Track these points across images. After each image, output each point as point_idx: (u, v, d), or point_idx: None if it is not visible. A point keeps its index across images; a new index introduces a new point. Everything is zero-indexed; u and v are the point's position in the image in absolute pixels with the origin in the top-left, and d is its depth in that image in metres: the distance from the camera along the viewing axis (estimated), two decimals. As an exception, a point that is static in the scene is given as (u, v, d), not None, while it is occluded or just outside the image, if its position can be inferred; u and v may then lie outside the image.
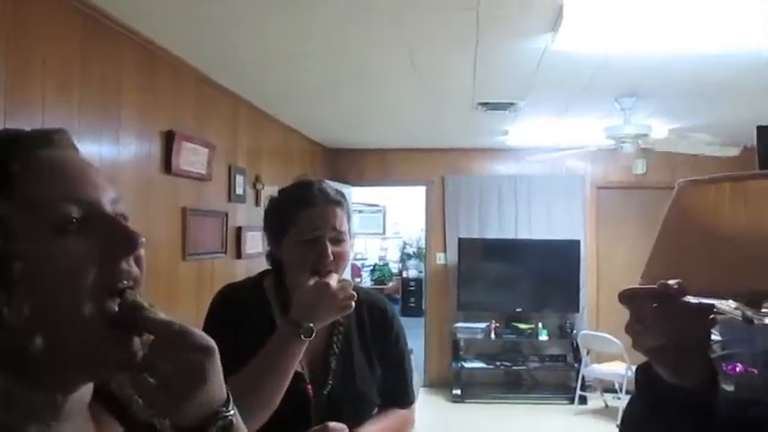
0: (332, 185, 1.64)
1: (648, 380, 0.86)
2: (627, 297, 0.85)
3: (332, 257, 1.53)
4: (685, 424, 0.83)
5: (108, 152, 2.99)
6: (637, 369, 0.91)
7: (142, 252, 0.71)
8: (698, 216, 1.08)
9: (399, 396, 1.71)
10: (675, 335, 0.81)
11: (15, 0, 2.35)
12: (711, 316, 0.81)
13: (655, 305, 0.83)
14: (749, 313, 0.81)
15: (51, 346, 0.63)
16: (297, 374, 1.52)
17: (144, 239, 0.69)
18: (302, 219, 1.55)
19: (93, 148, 2.86)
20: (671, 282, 0.84)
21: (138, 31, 3.09)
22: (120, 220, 0.70)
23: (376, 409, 1.66)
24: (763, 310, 1.11)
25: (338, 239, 1.57)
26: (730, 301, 0.81)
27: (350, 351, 1.63)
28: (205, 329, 1.63)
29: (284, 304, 1.57)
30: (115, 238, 0.68)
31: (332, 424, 1.42)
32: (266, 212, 1.68)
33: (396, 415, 1.69)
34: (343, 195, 1.64)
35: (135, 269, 0.70)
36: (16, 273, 0.61)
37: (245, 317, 1.58)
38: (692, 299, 0.82)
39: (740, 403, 0.98)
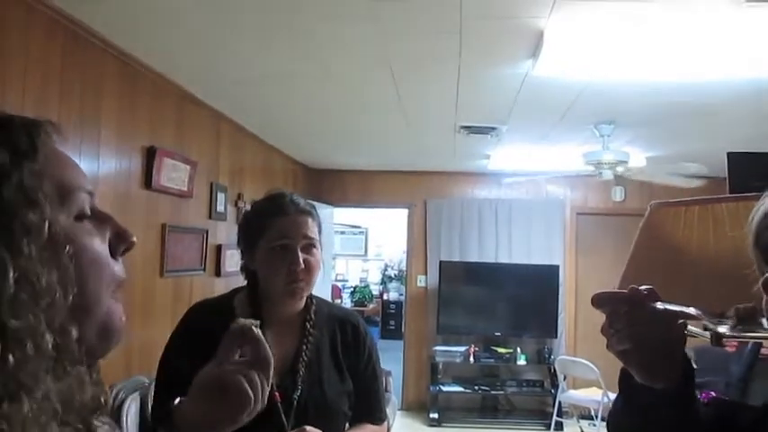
0: (302, 199, 1.67)
1: (625, 378, 0.90)
2: (599, 300, 0.88)
3: (303, 265, 1.56)
4: (658, 421, 0.85)
5: (87, 166, 2.97)
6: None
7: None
8: (668, 238, 1.10)
9: (372, 412, 1.72)
10: (641, 339, 0.83)
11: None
12: (681, 321, 0.83)
13: (624, 310, 0.85)
14: (720, 330, 0.82)
15: (80, 338, 0.62)
16: None
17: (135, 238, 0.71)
18: (273, 227, 1.59)
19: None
20: (642, 287, 0.86)
21: (119, 46, 3.10)
22: (114, 218, 0.70)
23: (347, 425, 1.65)
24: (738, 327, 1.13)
25: (309, 247, 1.59)
26: (691, 309, 0.82)
27: (319, 360, 1.64)
28: (169, 343, 1.65)
29: (256, 318, 1.59)
30: (119, 235, 0.68)
31: (309, 428, 1.43)
32: (240, 225, 1.72)
33: (368, 430, 1.69)
34: (313, 207, 1.68)
35: (124, 276, 0.70)
36: (65, 255, 0.59)
37: (208, 334, 1.59)
38: (661, 304, 0.84)
39: (717, 405, 1.00)
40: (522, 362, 7.05)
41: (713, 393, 5.63)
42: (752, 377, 5.42)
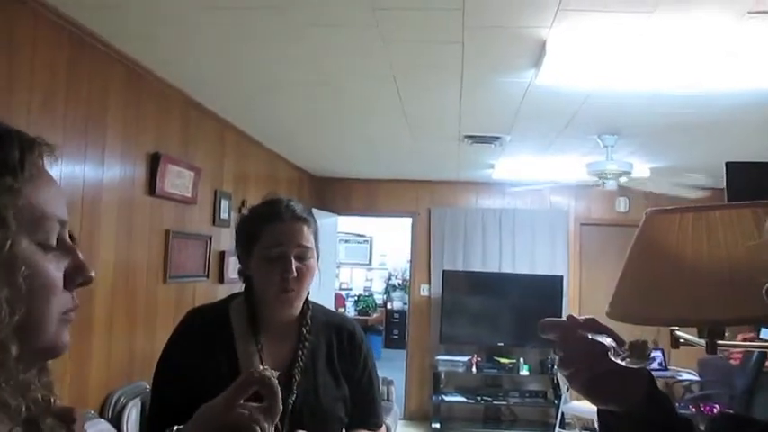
0: (300, 204, 1.67)
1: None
2: (542, 327, 0.91)
3: (295, 274, 1.56)
4: None
5: (92, 172, 2.99)
6: None
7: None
8: (663, 246, 1.10)
9: (368, 418, 1.71)
10: (575, 366, 0.84)
11: (3, 14, 2.38)
12: (605, 351, 0.84)
13: (558, 337, 0.88)
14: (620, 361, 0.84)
15: (20, 355, 0.64)
16: None
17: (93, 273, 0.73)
18: (268, 234, 1.59)
19: (77, 168, 2.87)
20: (581, 316, 0.88)
21: (125, 52, 3.12)
22: (78, 252, 0.72)
23: (344, 431, 1.66)
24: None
25: (303, 255, 1.59)
26: (607, 339, 0.85)
27: (315, 366, 1.64)
28: (165, 349, 1.66)
29: (252, 323, 1.61)
30: (77, 269, 0.70)
31: None
32: (236, 230, 1.71)
33: None
34: (310, 214, 1.67)
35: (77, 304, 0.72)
36: (19, 275, 0.62)
37: (203, 341, 1.62)
38: (591, 334, 0.86)
39: (724, 419, 1.01)
40: (524, 372, 7.02)
41: (717, 406, 5.61)
42: (756, 390, 5.40)
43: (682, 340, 1.36)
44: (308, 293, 1.69)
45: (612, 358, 0.82)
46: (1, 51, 2.36)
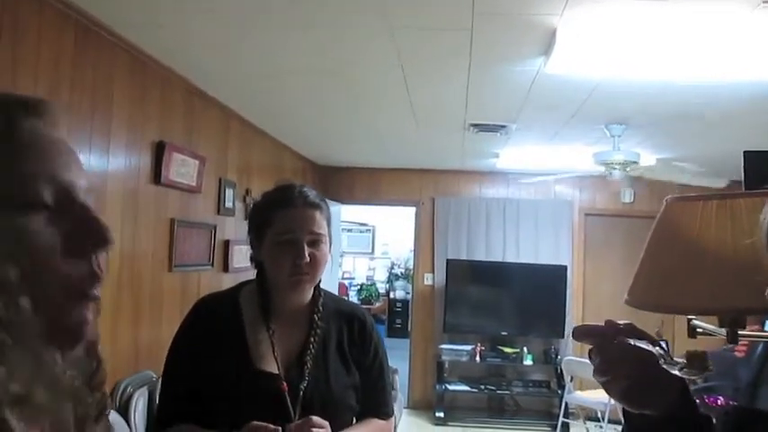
0: (313, 191, 1.66)
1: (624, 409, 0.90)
2: (578, 334, 0.89)
3: (308, 259, 1.56)
4: None
5: (97, 161, 2.97)
6: None
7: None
8: (684, 233, 1.08)
9: (378, 407, 1.71)
10: (614, 372, 0.83)
11: (9, 1, 2.35)
12: (653, 357, 0.82)
13: (598, 343, 0.86)
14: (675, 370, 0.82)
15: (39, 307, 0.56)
16: (273, 375, 1.53)
17: (113, 236, 0.63)
18: (280, 220, 1.59)
19: (82, 157, 2.83)
20: (621, 321, 0.87)
21: (129, 40, 3.09)
22: (94, 211, 0.63)
23: (354, 419, 1.65)
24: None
25: (315, 241, 1.59)
26: (656, 348, 0.82)
27: (326, 354, 1.64)
28: (175, 337, 1.65)
29: (263, 310, 1.61)
30: (88, 231, 0.61)
31: (315, 417, 1.44)
32: (249, 216, 1.72)
33: (375, 425, 1.68)
34: (323, 200, 1.67)
35: (101, 270, 0.62)
36: None
37: (213, 328, 1.62)
38: (633, 340, 0.84)
39: (735, 413, 0.99)
40: (528, 362, 7.03)
41: (721, 398, 5.60)
42: (760, 382, 5.39)
43: (699, 330, 1.35)
44: (320, 281, 1.69)
45: (666, 367, 0.79)
46: (6, 39, 2.33)
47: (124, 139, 3.19)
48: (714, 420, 0.97)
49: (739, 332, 1.10)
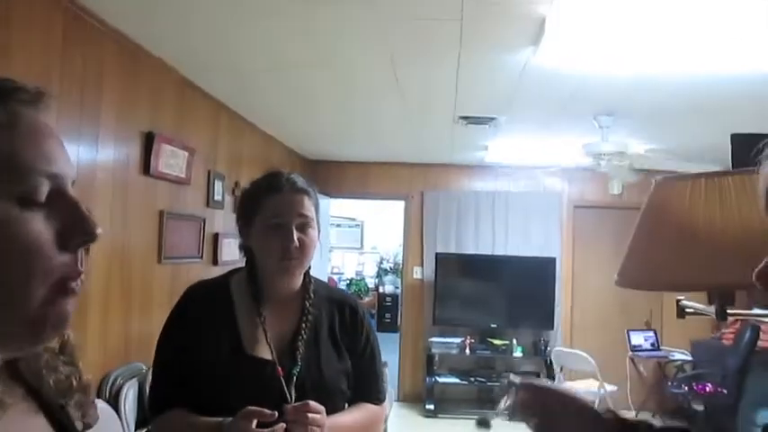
0: (300, 177, 1.67)
1: None
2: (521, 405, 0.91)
3: (297, 243, 1.57)
4: None
5: (86, 151, 2.96)
6: None
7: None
8: (674, 212, 1.10)
9: (371, 391, 1.72)
10: None
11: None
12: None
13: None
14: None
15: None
16: (266, 361, 1.54)
17: (100, 229, 0.64)
18: (269, 205, 1.60)
19: (71, 148, 2.83)
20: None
21: (120, 29, 3.08)
22: (82, 206, 0.64)
23: (346, 404, 1.66)
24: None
25: (304, 225, 1.60)
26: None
27: (317, 339, 1.65)
28: (166, 324, 1.66)
29: (254, 296, 1.61)
30: (76, 225, 0.63)
31: (311, 402, 1.45)
32: (238, 203, 1.73)
33: (367, 409, 1.69)
34: (310, 186, 1.68)
35: (84, 263, 0.64)
36: None
37: (205, 315, 1.62)
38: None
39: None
40: (518, 354, 7.07)
41: (709, 385, 5.66)
42: (748, 369, 5.46)
43: (689, 309, 1.37)
44: (310, 267, 1.69)
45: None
46: (-6, 25, 2.32)
47: (113, 130, 3.17)
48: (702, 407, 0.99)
49: (735, 311, 1.12)
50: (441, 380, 7.06)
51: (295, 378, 1.56)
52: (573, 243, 7.45)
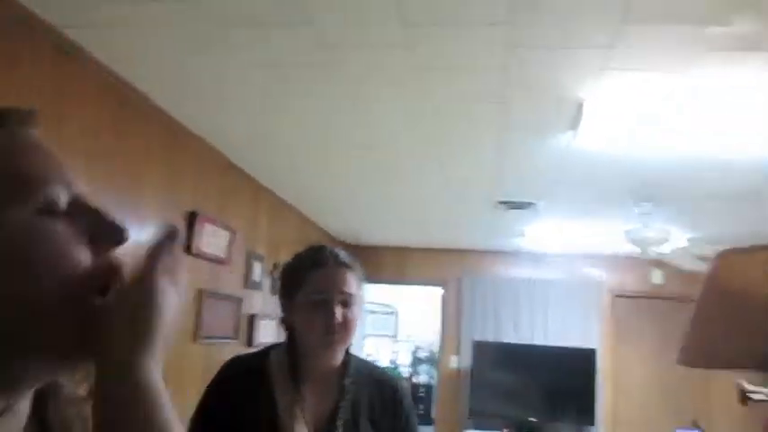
0: (344, 251, 1.65)
1: None
2: None
3: (340, 320, 1.54)
4: None
5: (130, 228, 3.00)
6: None
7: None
8: (740, 285, 1.05)
9: None
10: None
11: (55, 71, 2.45)
12: None
13: None
14: None
15: (12, 334, 0.56)
16: None
17: (129, 233, 0.64)
18: (312, 279, 1.57)
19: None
20: None
21: (166, 111, 3.19)
22: (106, 211, 0.64)
23: None
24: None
25: (347, 302, 1.57)
26: None
27: (356, 421, 1.59)
28: (202, 399, 1.61)
29: (293, 373, 1.57)
30: (101, 228, 0.62)
31: None
32: (280, 276, 1.71)
33: None
34: (355, 260, 1.65)
35: (119, 264, 0.64)
36: None
37: (242, 390, 1.58)
38: None
39: None
40: (558, 450, 6.73)
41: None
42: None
43: (752, 395, 1.28)
44: (350, 345, 1.65)
45: None
46: (51, 102, 2.42)
47: (157, 207, 3.23)
48: None
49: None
50: (477, 476, 6.73)
51: None
52: (614, 333, 7.21)
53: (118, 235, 0.63)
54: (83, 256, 0.60)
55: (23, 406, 0.63)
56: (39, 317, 0.57)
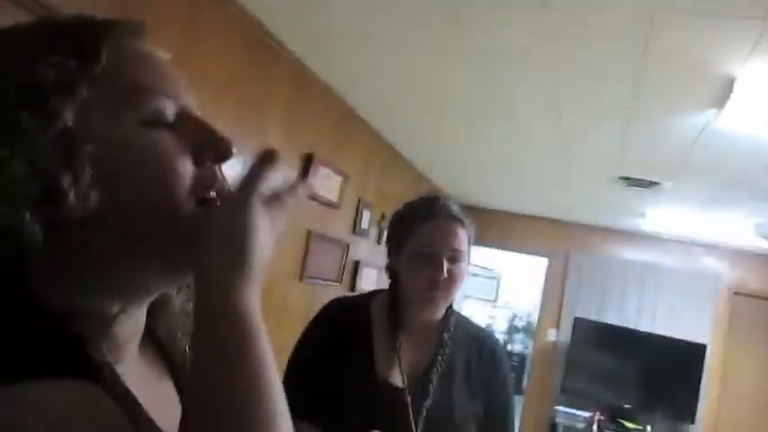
0: (456, 205, 1.60)
1: None
2: None
3: (446, 275, 1.50)
4: None
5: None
6: None
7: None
8: None
9: None
10: None
11: (192, 8, 2.52)
12: None
13: None
14: None
15: (121, 242, 0.57)
16: (397, 388, 1.48)
17: (234, 149, 0.63)
18: (422, 231, 1.54)
19: (235, 162, 2.95)
20: None
21: (294, 52, 3.22)
22: (212, 125, 0.63)
23: None
24: None
25: (455, 258, 1.53)
26: None
27: (451, 376, 1.57)
28: (302, 337, 1.62)
29: (393, 322, 1.56)
30: (208, 141, 0.61)
31: None
32: (390, 223, 1.68)
33: None
34: (466, 216, 1.60)
35: (225, 180, 0.63)
36: (84, 155, 0.55)
37: (341, 333, 1.59)
38: None
39: None
40: (651, 442, 6.49)
41: None
42: None
43: None
44: (453, 300, 1.62)
45: None
46: (188, 46, 2.49)
47: (277, 147, 3.29)
48: None
49: None
50: (562, 453, 6.63)
51: (425, 411, 1.48)
52: (728, 332, 6.79)
53: (224, 149, 0.62)
54: (187, 168, 0.60)
55: (139, 313, 0.65)
56: (144, 226, 0.58)
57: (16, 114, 0.54)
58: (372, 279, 4.55)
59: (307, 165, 3.58)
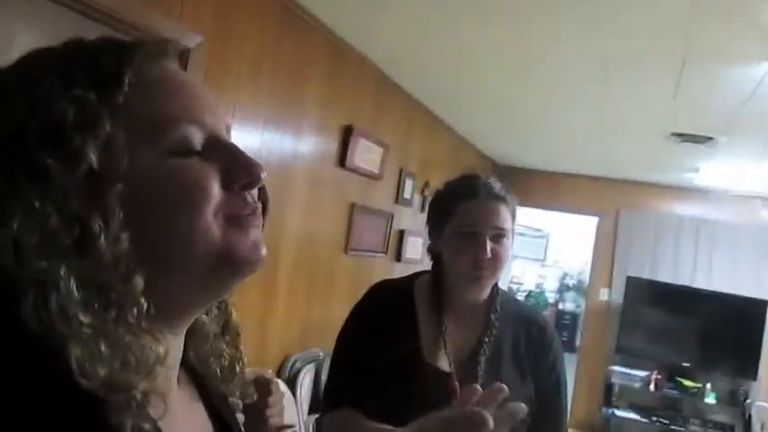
0: (498, 183, 1.54)
1: None
2: None
3: (490, 255, 1.46)
4: None
5: (289, 142, 3.07)
6: None
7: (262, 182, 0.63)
8: None
9: (548, 427, 1.54)
10: None
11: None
12: None
13: None
14: None
15: (155, 282, 0.55)
16: (444, 372, 1.45)
17: (266, 171, 0.61)
18: (462, 211, 1.50)
19: (275, 137, 2.95)
20: None
21: (327, 24, 3.15)
22: (242, 150, 0.62)
23: None
24: None
25: (498, 237, 1.49)
26: None
27: (499, 358, 1.53)
28: (348, 321, 1.61)
29: (437, 303, 1.53)
30: (237, 166, 0.60)
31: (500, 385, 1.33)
32: (430, 204, 1.65)
33: None
34: (509, 193, 1.55)
35: (256, 200, 0.62)
36: (114, 197, 0.53)
37: (386, 317, 1.57)
38: None
39: None
40: (710, 400, 6.36)
41: None
42: None
43: None
44: (498, 279, 1.57)
45: None
46: (219, 21, 2.45)
47: (315, 121, 3.27)
48: None
49: None
50: (618, 413, 6.56)
51: None
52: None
53: (253, 174, 0.61)
54: (215, 191, 0.58)
55: (179, 341, 0.65)
56: (176, 255, 0.57)
57: (39, 158, 0.52)
58: (418, 247, 4.52)
59: (346, 137, 3.54)
